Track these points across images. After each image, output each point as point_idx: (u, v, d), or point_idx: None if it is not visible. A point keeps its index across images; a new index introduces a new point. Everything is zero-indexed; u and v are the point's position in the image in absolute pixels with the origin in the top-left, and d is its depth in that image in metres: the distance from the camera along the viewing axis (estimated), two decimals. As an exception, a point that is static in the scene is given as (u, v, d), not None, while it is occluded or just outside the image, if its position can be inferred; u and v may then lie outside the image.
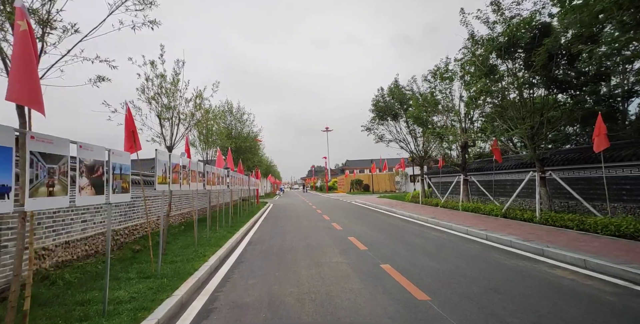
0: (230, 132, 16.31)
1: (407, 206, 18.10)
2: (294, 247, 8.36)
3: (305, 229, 11.62)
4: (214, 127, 11.85)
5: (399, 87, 19.47)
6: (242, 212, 17.40)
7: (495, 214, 11.37)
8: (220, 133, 12.80)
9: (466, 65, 13.50)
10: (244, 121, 17.47)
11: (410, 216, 13.69)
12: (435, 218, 11.81)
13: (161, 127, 7.01)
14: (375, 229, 10.68)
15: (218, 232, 10.16)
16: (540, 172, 9.85)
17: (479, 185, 14.55)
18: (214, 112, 7.90)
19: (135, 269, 5.66)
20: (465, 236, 8.81)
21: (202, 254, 7.10)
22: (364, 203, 22.83)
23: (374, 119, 20.66)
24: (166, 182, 5.41)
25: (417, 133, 19.61)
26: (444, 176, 18.34)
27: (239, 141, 16.49)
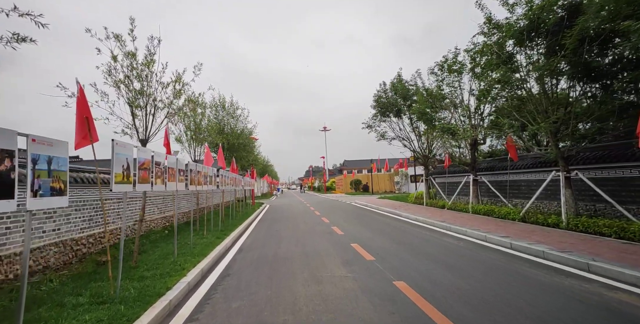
0: (223, 129, 15.23)
1: (411, 207, 17.07)
2: (290, 256, 7.30)
3: (303, 233, 10.56)
4: (203, 122, 10.79)
5: (402, 81, 18.44)
6: (235, 214, 16.31)
7: (512, 218, 10.34)
8: (211, 128, 11.75)
9: (477, 56, 12.49)
10: (237, 116, 16.39)
11: (417, 219, 12.64)
12: (445, 222, 10.77)
13: (133, 117, 5.92)
14: (380, 234, 9.63)
15: (205, 238, 9.08)
16: (565, 171, 8.83)
17: (489, 186, 13.54)
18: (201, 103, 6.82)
19: (91, 291, 4.55)
20: (484, 243, 7.76)
21: (181, 266, 6.02)
22: (365, 204, 21.79)
23: (375, 115, 19.61)
24: (129, 181, 4.33)
25: (420, 130, 18.58)
26: (450, 176, 17.33)
27: (232, 137, 15.41)
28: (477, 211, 12.62)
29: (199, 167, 8.19)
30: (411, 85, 18.30)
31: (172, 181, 6.02)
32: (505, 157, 14.16)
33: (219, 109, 15.37)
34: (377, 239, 8.89)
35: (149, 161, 5.03)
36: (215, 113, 15.32)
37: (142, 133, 6.08)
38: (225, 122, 15.51)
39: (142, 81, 5.87)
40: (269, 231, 11.56)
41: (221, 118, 15.44)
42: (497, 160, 14.28)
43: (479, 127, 11.06)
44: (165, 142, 6.78)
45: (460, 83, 13.56)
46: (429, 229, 10.32)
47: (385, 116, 19.19)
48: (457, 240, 8.37)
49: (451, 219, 11.59)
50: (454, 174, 17.12)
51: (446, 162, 16.98)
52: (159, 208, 10.17)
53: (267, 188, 61.01)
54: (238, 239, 9.89)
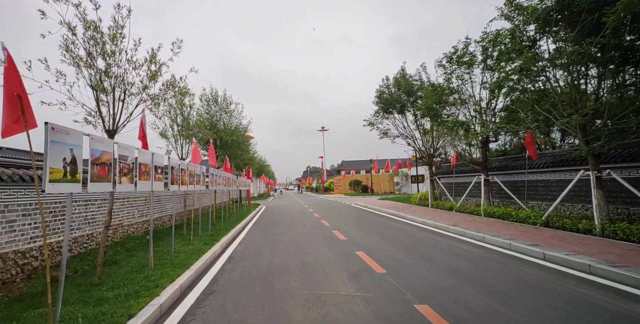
0: (215, 124, 14.18)
1: (415, 209, 16.08)
2: (287, 267, 6.28)
3: (301, 238, 9.55)
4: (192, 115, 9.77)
5: (405, 76, 17.46)
6: (228, 216, 15.27)
7: (532, 222, 9.36)
8: (200, 123, 10.73)
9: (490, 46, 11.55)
10: (230, 112, 15.30)
11: (425, 222, 11.65)
12: (457, 226, 9.79)
13: (97, 103, 4.89)
14: (387, 240, 8.62)
15: (192, 245, 8.04)
16: (596, 170, 7.86)
17: (502, 186, 12.57)
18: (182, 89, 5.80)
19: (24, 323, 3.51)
20: (509, 252, 6.77)
21: (155, 283, 4.98)
22: (365, 206, 20.79)
23: (377, 112, 18.60)
24: (75, 179, 3.30)
25: (425, 128, 17.59)
26: (457, 176, 16.36)
27: (226, 134, 14.37)
28: (490, 213, 11.64)
29: (184, 165, 7.16)
30: (415, 80, 17.33)
31: (144, 179, 4.99)
32: (519, 156, 13.19)
33: (211, 103, 14.30)
34: (384, 246, 7.89)
35: (110, 155, 3.99)
36: (207, 108, 14.25)
37: (108, 122, 5.05)
38: (217, 118, 14.46)
39: (108, 59, 4.84)
40: (264, 235, 10.53)
41: (213, 113, 14.38)
42: (510, 159, 13.32)
43: (492, 123, 10.08)
44: (140, 134, 5.75)
45: (471, 75, 12.59)
46: (441, 235, 9.33)
47: (388, 113, 18.19)
48: (476, 248, 7.37)
49: (463, 222, 10.60)
50: (462, 174, 16.16)
51: (453, 162, 16.01)
52: (139, 211, 9.11)
53: (264, 189, 59.90)
54: (229, 245, 8.86)
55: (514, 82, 9.93)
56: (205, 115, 14.03)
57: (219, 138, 14.10)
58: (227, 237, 9.55)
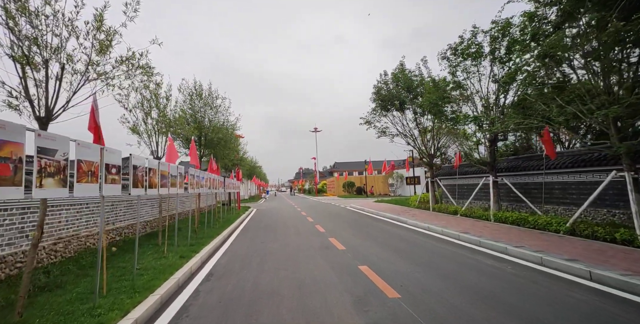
0: (200, 121, 12.87)
1: (416, 213, 15.01)
2: (277, 287, 5.10)
3: (294, 248, 8.37)
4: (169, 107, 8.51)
5: (405, 71, 16.43)
6: (214, 221, 14.01)
7: (554, 230, 8.32)
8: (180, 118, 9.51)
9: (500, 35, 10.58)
10: (216, 107, 13.99)
11: (430, 228, 10.56)
12: (469, 233, 8.71)
13: (23, 81, 3.65)
14: (393, 251, 7.48)
15: (165, 259, 6.79)
16: (632, 171, 6.84)
17: (513, 189, 11.55)
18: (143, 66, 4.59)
19: None
20: (543, 269, 5.66)
21: (100, 319, 3.75)
22: (362, 209, 19.67)
23: (375, 109, 17.52)
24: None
25: (426, 126, 16.56)
26: (461, 178, 15.34)
27: (212, 132, 13.10)
28: (501, 219, 10.60)
29: (153, 164, 5.92)
30: (415, 75, 16.32)
31: (87, 181, 3.77)
32: (531, 156, 12.21)
33: (195, 97, 12.98)
34: (390, 259, 6.75)
35: (18, 147, 2.77)
36: (190, 103, 12.93)
37: (40, 108, 3.81)
38: (202, 114, 13.15)
39: (36, 20, 3.62)
40: (252, 243, 9.33)
41: (198, 109, 13.07)
42: (522, 159, 12.32)
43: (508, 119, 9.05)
44: (90, 125, 4.52)
45: (479, 68, 11.58)
46: (452, 244, 8.23)
47: (387, 110, 17.12)
48: (500, 262, 6.27)
49: (473, 229, 9.53)
50: (466, 176, 15.14)
51: (456, 162, 14.99)
52: (106, 219, 7.81)
53: (256, 191, 58.48)
54: (211, 257, 7.64)
55: (529, 73, 8.90)
56: (189, 110, 12.75)
57: (204, 135, 12.83)
58: (209, 247, 8.33)
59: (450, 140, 16.15)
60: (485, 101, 11.75)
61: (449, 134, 15.47)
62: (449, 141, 16.12)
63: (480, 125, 9.65)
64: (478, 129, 10.25)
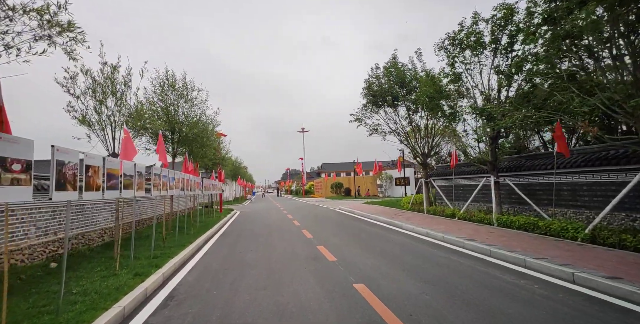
0: (172, 114, 11.46)
1: (410, 216, 14.02)
2: (252, 319, 3.94)
3: (277, 259, 7.19)
4: (125, 93, 7.20)
5: (397, 65, 15.43)
6: (189, 227, 12.69)
7: (571, 237, 7.39)
8: (142, 109, 8.23)
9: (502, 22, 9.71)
10: (192, 99, 12.61)
11: (429, 234, 9.54)
12: (475, 241, 7.71)
13: None
14: (393, 263, 6.38)
15: (115, 277, 5.52)
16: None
17: (516, 190, 10.65)
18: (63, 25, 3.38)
19: None
20: (578, 289, 4.65)
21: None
22: (351, 211, 18.60)
23: (366, 106, 16.46)
24: None
25: (419, 124, 15.60)
26: (458, 178, 14.42)
27: (187, 128, 11.75)
28: (506, 223, 9.67)
29: (94, 161, 4.66)
30: (409, 69, 15.35)
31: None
32: (535, 154, 11.35)
33: (166, 88, 11.59)
34: (392, 274, 5.65)
35: None
36: (161, 94, 11.54)
37: None
38: (175, 107, 11.74)
39: None
40: (229, 253, 8.11)
41: (171, 101, 11.67)
42: (525, 157, 11.44)
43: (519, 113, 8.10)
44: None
45: (480, 58, 10.65)
46: (458, 253, 7.20)
47: (378, 106, 16.10)
48: (522, 278, 5.24)
49: (478, 235, 8.55)
50: (464, 176, 14.22)
51: (453, 161, 14.09)
52: (43, 226, 6.44)
53: (241, 192, 56.83)
54: (176, 273, 6.40)
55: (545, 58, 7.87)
56: (160, 103, 11.38)
57: (177, 131, 11.49)
58: (177, 259, 7.08)
59: (446, 138, 15.23)
60: (486, 94, 10.84)
61: (444, 131, 14.54)
62: (444, 139, 15.19)
63: (489, 117, 8.69)
64: (486, 124, 9.29)
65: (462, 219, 11.94)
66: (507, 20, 10.02)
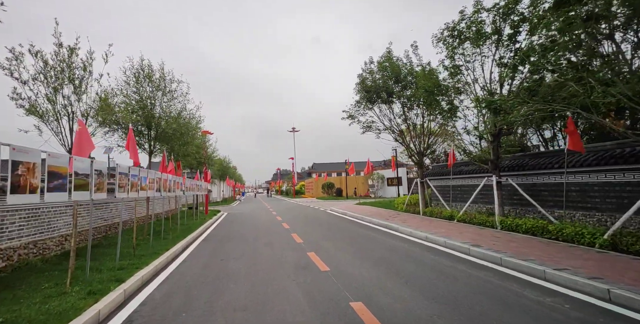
0: (149, 108, 10.40)
1: (406, 218, 13.27)
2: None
3: (263, 270, 6.32)
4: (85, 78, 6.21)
5: (392, 59, 14.69)
6: (170, 231, 11.72)
7: (588, 243, 6.70)
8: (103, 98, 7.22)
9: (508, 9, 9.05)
10: (171, 92, 11.52)
11: (428, 238, 8.78)
12: (481, 247, 6.98)
13: None
14: (395, 275, 5.56)
15: (64, 297, 4.59)
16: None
17: (519, 190, 9.98)
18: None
19: None
20: (618, 310, 3.90)
21: None
22: (344, 212, 17.80)
23: (359, 102, 15.67)
24: None
25: (415, 121, 14.88)
26: (455, 178, 13.74)
27: (166, 123, 10.73)
28: (510, 226, 8.98)
29: (28, 156, 3.72)
30: (404, 64, 14.62)
31: None
32: (540, 152, 10.70)
33: (142, 79, 10.51)
34: (394, 289, 4.83)
35: None
36: (136, 86, 10.48)
37: None
38: (152, 100, 10.66)
39: None
40: (209, 262, 7.21)
41: (147, 95, 10.58)
42: (529, 156, 10.77)
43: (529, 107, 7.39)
44: None
45: (482, 49, 9.96)
46: (464, 261, 6.43)
47: (372, 102, 15.32)
48: (547, 294, 4.47)
49: (482, 240, 7.82)
50: (462, 175, 13.54)
51: (450, 160, 13.39)
52: None
53: (230, 193, 55.56)
54: (143, 287, 5.48)
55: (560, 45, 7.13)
56: (134, 95, 10.34)
57: (155, 127, 10.47)
58: (146, 271, 6.15)
59: (444, 135, 14.53)
60: (487, 88, 10.15)
61: (442, 128, 13.84)
62: (440, 137, 14.49)
63: (496, 111, 7.96)
64: (492, 118, 8.55)
65: (462, 221, 11.23)
66: (510, 9, 9.35)
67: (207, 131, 21.66)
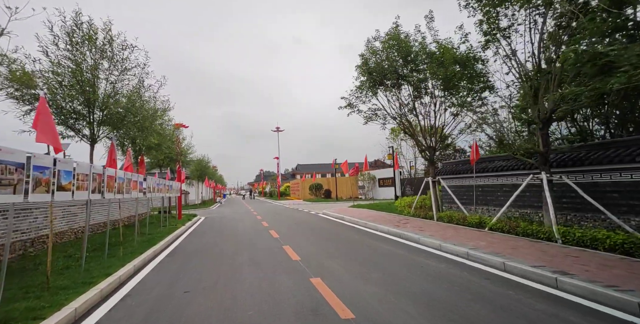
0: (89, 82, 7.48)
1: (419, 224, 10.95)
2: None
3: (248, 318, 3.83)
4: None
5: (399, 36, 12.34)
6: (125, 244, 9.02)
7: None
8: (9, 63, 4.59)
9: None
10: (121, 60, 8.55)
11: (470, 255, 6.44)
12: (575, 277, 4.68)
13: None
14: None
15: None
16: None
17: (580, 192, 7.76)
18: None
19: None
20: None
21: None
22: (341, 217, 15.35)
23: (360, 87, 13.27)
24: None
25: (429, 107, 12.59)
26: (481, 176, 11.50)
27: (116, 101, 7.88)
28: (581, 240, 6.75)
29: None
30: (415, 40, 12.34)
31: None
32: (605, 142, 8.56)
33: (79, 41, 7.46)
34: None
35: None
36: (70, 48, 7.51)
37: None
38: (95, 70, 7.65)
39: None
40: (163, 300, 4.60)
41: (88, 66, 7.58)
42: (587, 147, 8.56)
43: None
44: None
45: (530, 10, 7.75)
46: (562, 303, 4.10)
47: (377, 86, 12.95)
48: None
49: (560, 263, 5.53)
50: (489, 173, 11.27)
51: (473, 155, 11.17)
52: None
53: (209, 194, 52.17)
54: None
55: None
56: (67, 63, 7.44)
57: (99, 106, 7.67)
58: (62, 315, 3.56)
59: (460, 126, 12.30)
60: (534, 63, 7.95)
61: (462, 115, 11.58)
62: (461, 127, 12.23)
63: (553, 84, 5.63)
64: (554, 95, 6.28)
65: (497, 230, 8.97)
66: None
67: (181, 123, 18.85)
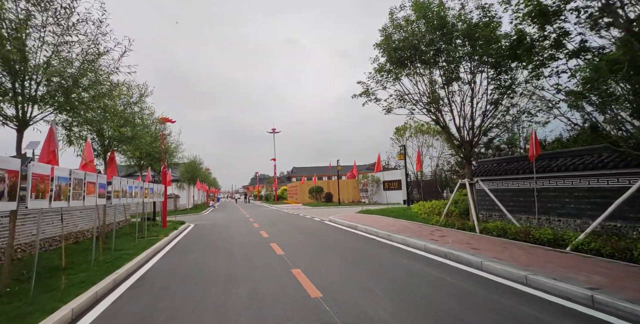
0: (20, 44, 5.04)
1: (463, 238, 8.61)
2: None
3: None
4: None
5: (430, 4, 10.01)
6: (83, 265, 6.60)
7: None
8: None
9: None
10: (73, 26, 5.90)
11: (594, 300, 4.10)
12: None
13: None
14: None
15: None
16: None
17: None
18: None
19: None
20: None
21: None
22: (353, 225, 12.96)
23: (381, 69, 10.93)
24: None
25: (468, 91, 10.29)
26: (542, 177, 9.19)
27: (58, 71, 5.44)
28: None
29: None
30: (451, 8, 10.07)
31: None
32: None
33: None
34: None
35: None
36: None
37: None
38: (23, 26, 5.17)
39: None
40: None
41: (17, 17, 5.08)
42: None
43: None
44: None
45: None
46: None
47: (402, 67, 10.60)
48: None
49: None
50: (555, 173, 8.97)
51: (533, 150, 8.89)
52: None
53: (202, 198, 49.40)
54: None
55: None
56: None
57: (33, 78, 5.23)
58: None
59: (507, 117, 9.98)
60: None
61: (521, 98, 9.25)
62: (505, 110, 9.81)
63: None
64: None
65: (586, 251, 6.62)
66: None
67: (167, 118, 16.40)
